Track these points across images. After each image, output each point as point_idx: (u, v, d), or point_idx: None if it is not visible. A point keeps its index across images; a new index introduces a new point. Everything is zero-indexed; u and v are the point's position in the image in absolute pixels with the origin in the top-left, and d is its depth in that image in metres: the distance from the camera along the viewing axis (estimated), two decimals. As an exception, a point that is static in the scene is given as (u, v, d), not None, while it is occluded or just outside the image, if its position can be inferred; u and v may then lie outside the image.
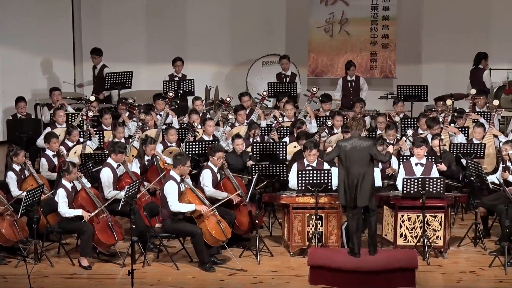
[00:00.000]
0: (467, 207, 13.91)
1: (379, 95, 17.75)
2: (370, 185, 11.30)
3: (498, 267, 11.51)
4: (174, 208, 11.59)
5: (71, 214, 11.73)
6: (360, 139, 11.33)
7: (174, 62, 17.31)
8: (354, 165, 11.22)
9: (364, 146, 11.26)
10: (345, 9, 18.20)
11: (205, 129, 14.45)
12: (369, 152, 11.25)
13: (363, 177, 11.20)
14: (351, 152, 11.24)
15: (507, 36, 18.23)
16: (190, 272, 11.57)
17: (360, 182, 11.18)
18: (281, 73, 17.54)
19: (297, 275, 11.45)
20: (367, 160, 11.27)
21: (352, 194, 11.22)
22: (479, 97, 15.79)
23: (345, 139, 11.80)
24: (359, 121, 11.48)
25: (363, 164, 11.24)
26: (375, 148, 11.40)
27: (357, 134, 11.38)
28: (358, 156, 11.23)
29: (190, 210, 11.60)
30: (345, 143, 11.34)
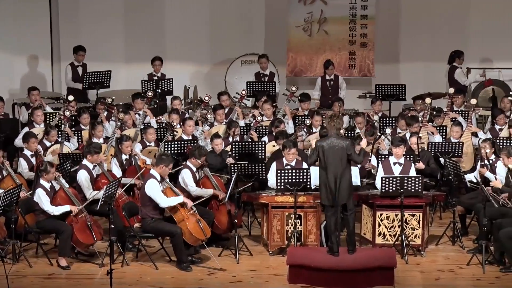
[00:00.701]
0: (445, 205, 13.98)
1: (358, 94, 17.79)
2: (348, 184, 11.33)
3: (476, 265, 11.57)
4: (164, 204, 11.55)
5: (59, 211, 11.66)
6: (338, 139, 11.34)
7: (153, 62, 17.26)
8: (331, 164, 11.24)
9: (341, 146, 11.27)
10: (324, 9, 18.22)
11: (185, 128, 14.43)
12: (346, 152, 11.26)
13: (341, 176, 11.23)
14: (328, 151, 11.26)
15: (484, 35, 18.32)
16: (169, 271, 11.55)
17: (338, 180, 11.20)
18: (260, 73, 17.55)
19: (276, 274, 11.45)
20: (344, 160, 11.28)
21: (332, 193, 11.23)
22: (457, 96, 15.89)
23: (322, 138, 11.81)
24: (336, 121, 11.47)
25: (341, 164, 11.26)
26: (352, 148, 11.41)
27: (335, 133, 11.39)
28: (336, 155, 11.24)
29: (179, 201, 11.58)
30: (323, 143, 11.36)
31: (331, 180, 11.21)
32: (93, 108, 16.09)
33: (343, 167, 11.27)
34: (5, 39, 17.62)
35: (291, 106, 16.10)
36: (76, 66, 17.34)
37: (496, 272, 11.39)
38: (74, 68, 17.31)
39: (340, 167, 11.24)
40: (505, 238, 11.34)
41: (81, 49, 17.38)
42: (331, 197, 11.26)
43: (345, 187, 11.26)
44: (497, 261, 11.58)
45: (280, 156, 12.95)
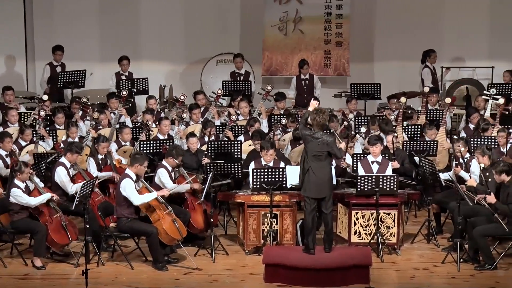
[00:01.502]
0: (420, 204, 14.05)
1: (333, 93, 17.84)
2: (329, 179, 11.39)
3: (451, 264, 11.63)
4: (137, 202, 11.52)
5: (37, 201, 11.58)
6: (323, 134, 11.39)
7: (120, 61, 17.19)
8: (314, 158, 11.28)
9: (325, 141, 11.31)
10: (299, 8, 18.26)
11: (161, 128, 14.41)
12: (328, 148, 11.30)
13: (323, 170, 11.28)
14: (312, 145, 11.31)
15: (458, 34, 18.43)
16: (145, 271, 11.53)
17: (321, 174, 11.25)
18: (235, 72, 17.55)
19: (252, 273, 11.46)
20: (325, 154, 11.33)
21: (314, 186, 11.26)
22: (431, 94, 15.97)
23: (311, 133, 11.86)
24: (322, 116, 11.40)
25: (322, 158, 11.31)
26: (335, 144, 11.47)
27: (318, 127, 11.42)
28: (318, 149, 11.28)
29: (153, 197, 11.56)
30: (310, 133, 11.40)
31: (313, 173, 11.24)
32: (68, 107, 16.02)
33: (323, 161, 11.32)
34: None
35: (266, 105, 16.12)
36: (55, 66, 17.28)
37: (470, 270, 11.45)
38: (52, 68, 17.25)
39: (323, 161, 11.30)
40: (479, 236, 11.41)
41: (59, 49, 17.32)
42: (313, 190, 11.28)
43: (326, 181, 11.32)
44: (471, 259, 11.65)
45: (258, 155, 12.96)
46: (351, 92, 17.01)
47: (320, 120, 11.37)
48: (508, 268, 11.53)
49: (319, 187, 11.29)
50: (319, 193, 11.33)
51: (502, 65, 17.78)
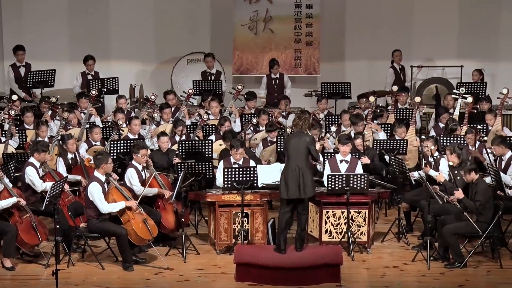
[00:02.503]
0: (391, 202, 14.11)
1: (304, 93, 17.87)
2: (311, 179, 11.42)
3: (421, 262, 11.69)
4: (105, 211, 11.48)
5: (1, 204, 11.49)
6: (302, 134, 11.45)
7: (86, 61, 17.07)
8: (294, 158, 11.33)
9: (304, 140, 11.37)
10: (269, 7, 18.28)
11: (131, 128, 14.36)
12: (307, 146, 11.33)
13: (305, 169, 11.31)
14: (292, 145, 11.36)
15: (427, 33, 18.53)
16: (116, 271, 11.49)
17: (302, 174, 11.27)
18: (206, 71, 17.53)
19: (223, 272, 11.46)
20: (305, 154, 11.39)
21: (295, 186, 11.27)
22: (401, 94, 16.05)
23: (289, 135, 11.88)
24: (303, 119, 11.55)
25: (303, 158, 11.36)
26: (313, 145, 11.50)
27: (301, 130, 11.51)
28: (299, 150, 11.33)
29: (121, 207, 11.52)
30: (289, 138, 11.51)
31: (294, 173, 11.25)
32: (37, 107, 15.92)
33: (304, 161, 11.37)
34: None
35: (237, 104, 16.12)
36: (18, 66, 17.10)
37: (440, 268, 11.53)
38: (16, 69, 17.07)
39: (302, 161, 11.34)
40: (449, 234, 11.49)
41: (20, 49, 17.13)
42: (294, 191, 11.28)
43: (309, 179, 11.36)
44: (441, 257, 11.72)
45: (228, 154, 12.96)
46: (321, 92, 17.05)
47: (303, 122, 11.46)
48: (477, 266, 11.62)
49: (301, 188, 11.29)
50: (301, 193, 11.33)
51: (471, 64, 17.90)
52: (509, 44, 18.45)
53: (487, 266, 11.61)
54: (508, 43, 18.47)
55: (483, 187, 11.55)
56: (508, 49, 18.46)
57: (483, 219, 11.49)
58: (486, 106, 15.39)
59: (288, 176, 11.36)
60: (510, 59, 18.37)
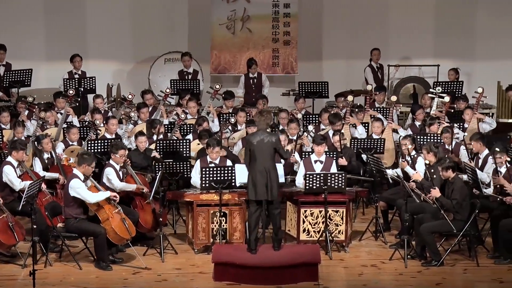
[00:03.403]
0: (368, 201, 14.16)
1: (281, 92, 17.90)
2: (277, 179, 11.41)
3: (398, 260, 11.74)
4: (93, 200, 11.41)
5: None
6: (267, 134, 11.39)
7: (72, 59, 17.05)
8: (261, 159, 11.29)
9: (270, 140, 11.33)
10: (247, 6, 18.29)
11: (108, 127, 14.32)
12: (274, 146, 11.33)
13: (270, 171, 11.30)
14: (257, 146, 11.31)
15: (404, 32, 18.61)
16: (93, 271, 11.45)
17: (268, 175, 11.26)
18: (183, 71, 17.51)
19: (201, 272, 11.46)
20: (272, 155, 11.36)
21: (263, 187, 11.26)
22: (375, 93, 16.11)
23: (251, 133, 11.85)
24: (267, 116, 11.52)
25: (269, 158, 11.34)
26: (280, 143, 11.50)
27: (264, 128, 11.44)
28: (264, 150, 11.30)
29: (107, 195, 11.50)
30: (252, 138, 11.41)
31: (262, 175, 11.25)
32: (14, 107, 15.85)
33: (271, 162, 11.34)
34: None
35: (215, 104, 16.11)
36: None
37: (418, 267, 11.58)
38: None
39: (269, 162, 11.32)
40: (426, 232, 11.54)
41: (1, 48, 17.09)
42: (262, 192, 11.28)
43: (275, 182, 11.34)
44: (418, 256, 11.78)
45: (205, 154, 12.95)
46: (299, 91, 17.09)
47: (265, 119, 11.42)
48: (454, 264, 11.68)
49: (268, 189, 11.29)
50: (269, 195, 11.33)
51: (447, 63, 18.00)
52: (485, 43, 18.58)
53: (464, 264, 11.68)
54: (483, 43, 18.60)
55: (459, 185, 11.62)
56: (484, 48, 18.59)
57: (459, 217, 11.56)
58: (463, 105, 15.49)
59: (256, 177, 11.30)
60: (485, 58, 18.49)
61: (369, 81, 17.62)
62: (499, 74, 17.12)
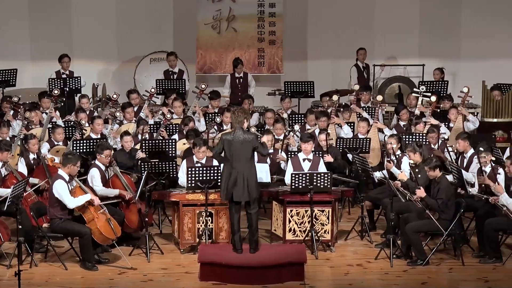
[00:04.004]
0: (354, 201, 14.18)
1: (267, 92, 17.91)
2: (255, 179, 11.35)
3: (384, 259, 11.77)
4: (72, 205, 11.40)
5: None
6: (244, 133, 11.32)
7: (60, 59, 17.03)
8: (238, 159, 11.22)
9: (247, 139, 11.26)
10: (232, 6, 18.30)
11: (93, 127, 14.30)
12: (252, 145, 11.27)
13: (248, 171, 11.25)
14: (234, 145, 11.24)
15: (389, 32, 18.66)
16: (79, 272, 11.43)
17: (246, 176, 11.22)
18: (169, 70, 17.50)
19: (187, 272, 11.45)
20: (250, 154, 11.29)
21: (240, 188, 11.24)
22: (363, 92, 16.15)
23: (228, 132, 11.80)
24: (238, 114, 11.36)
25: (247, 158, 11.26)
26: (257, 141, 11.43)
27: (240, 127, 11.35)
28: (241, 149, 11.22)
29: (87, 199, 11.46)
30: (228, 137, 11.33)
31: (240, 174, 11.21)
32: (-2, 107, 15.81)
33: (249, 162, 11.28)
34: None
35: (201, 103, 16.10)
36: None
37: (403, 266, 11.61)
38: None
39: (247, 162, 11.25)
40: (411, 232, 11.57)
41: None
42: (240, 192, 11.25)
43: (253, 181, 11.29)
44: (404, 255, 11.81)
45: (191, 154, 12.95)
46: (285, 90, 17.11)
47: (236, 117, 11.27)
48: (439, 263, 11.72)
49: (247, 190, 11.23)
50: (248, 196, 11.27)
51: (432, 63, 18.07)
52: (469, 43, 18.66)
53: (449, 263, 11.72)
54: (468, 42, 18.68)
55: (445, 184, 11.66)
56: (468, 48, 18.67)
57: (445, 216, 11.60)
58: (448, 104, 15.54)
59: (231, 178, 11.22)
60: (470, 58, 18.57)
61: (352, 81, 17.66)
62: (484, 73, 17.18)
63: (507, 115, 15.65)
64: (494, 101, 15.72)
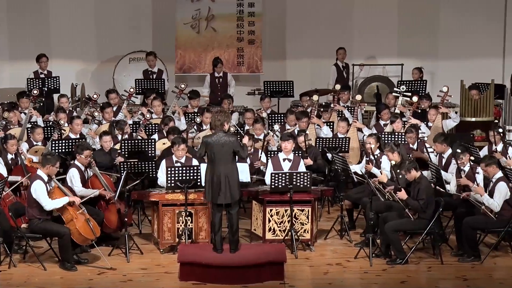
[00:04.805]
0: (333, 200, 14.21)
1: (247, 91, 17.91)
2: (237, 181, 11.34)
3: (363, 259, 11.80)
4: (49, 207, 11.36)
5: None
6: (225, 135, 11.30)
7: (38, 59, 16.96)
8: (219, 161, 11.20)
9: (228, 141, 11.25)
10: (211, 6, 18.29)
11: (72, 127, 14.25)
12: (232, 148, 11.28)
13: (230, 173, 11.24)
14: (215, 148, 11.22)
15: (368, 32, 18.72)
16: (58, 272, 11.39)
17: (228, 178, 11.21)
18: (148, 70, 17.47)
19: (167, 272, 11.43)
20: (231, 156, 11.28)
21: (221, 191, 11.22)
22: (343, 92, 16.19)
23: (209, 134, 11.79)
24: (218, 116, 11.33)
25: (228, 160, 11.24)
26: (238, 144, 11.40)
27: (220, 129, 11.32)
28: (223, 152, 11.20)
29: (64, 202, 11.41)
30: (210, 139, 11.32)
31: (221, 177, 11.20)
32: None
33: (230, 164, 11.26)
34: None
35: (180, 103, 16.09)
36: None
37: (382, 265, 11.64)
38: None
39: (228, 164, 11.24)
40: (390, 231, 11.61)
41: None
42: (217, 194, 11.24)
43: (234, 184, 11.28)
44: (383, 254, 11.85)
45: (170, 153, 12.93)
46: (264, 90, 17.12)
47: (216, 119, 11.26)
48: (419, 262, 11.76)
49: (226, 192, 11.22)
50: (227, 198, 11.26)
51: (411, 63, 18.15)
52: (448, 42, 18.75)
53: (428, 262, 11.77)
54: (446, 42, 18.77)
55: (425, 184, 11.69)
56: (447, 47, 18.76)
57: (424, 215, 11.64)
58: (426, 103, 15.61)
59: (214, 181, 11.19)
60: (448, 57, 18.67)
61: (331, 81, 17.70)
62: (462, 73, 17.26)
63: (485, 114, 15.74)
64: (472, 100, 15.81)
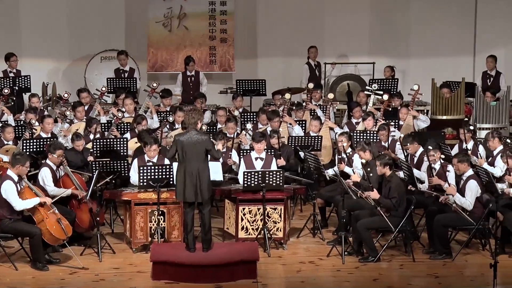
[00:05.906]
0: (306, 198, 14.24)
1: (219, 90, 17.91)
2: (208, 180, 11.32)
3: (336, 257, 11.84)
4: (19, 208, 11.30)
5: None
6: (197, 133, 11.28)
7: (8, 58, 16.84)
8: (191, 160, 11.19)
9: (200, 140, 11.23)
10: (183, 4, 18.27)
11: (44, 126, 14.17)
12: (204, 147, 11.26)
13: (201, 172, 11.22)
14: (187, 146, 11.20)
15: (340, 30, 18.77)
16: (29, 272, 11.32)
17: (199, 177, 11.20)
18: (120, 69, 17.42)
19: (139, 271, 11.41)
20: (203, 155, 11.26)
21: (192, 189, 11.21)
22: (315, 90, 16.23)
23: (181, 133, 11.76)
24: (191, 115, 11.34)
25: (200, 159, 11.22)
26: (211, 143, 11.40)
27: (193, 128, 11.32)
28: (195, 150, 11.18)
29: (35, 203, 11.34)
30: (182, 137, 11.30)
31: (192, 175, 11.18)
32: None
33: (202, 163, 11.25)
34: None
35: (153, 102, 16.05)
36: None
37: (355, 263, 11.69)
38: None
39: (200, 163, 11.23)
40: (363, 229, 11.66)
41: None
42: (188, 193, 11.22)
43: (205, 182, 11.26)
44: (356, 252, 11.89)
45: (143, 153, 12.89)
46: (236, 89, 17.12)
47: (190, 118, 11.25)
48: (391, 260, 11.82)
49: (198, 191, 11.21)
50: (198, 197, 11.25)
51: (382, 61, 18.23)
52: (419, 41, 18.86)
53: (400, 259, 11.83)
54: (418, 40, 18.88)
55: (396, 182, 11.75)
56: (418, 46, 18.87)
57: (395, 213, 11.69)
58: (398, 102, 15.69)
59: (185, 179, 11.17)
60: (419, 56, 18.78)
61: (303, 79, 17.74)
62: (433, 71, 17.37)
63: (456, 112, 15.84)
64: (443, 98, 15.91)
